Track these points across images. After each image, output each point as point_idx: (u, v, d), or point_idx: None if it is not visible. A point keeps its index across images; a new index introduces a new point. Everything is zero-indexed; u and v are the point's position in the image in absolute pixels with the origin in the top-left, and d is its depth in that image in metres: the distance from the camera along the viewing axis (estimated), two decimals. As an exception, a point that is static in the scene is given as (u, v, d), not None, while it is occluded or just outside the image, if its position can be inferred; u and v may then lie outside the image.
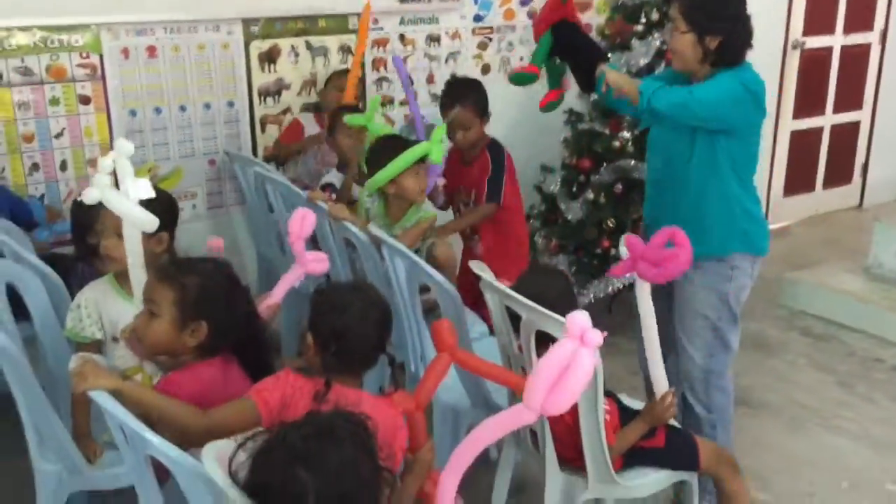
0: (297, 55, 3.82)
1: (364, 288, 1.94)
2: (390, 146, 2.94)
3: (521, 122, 4.33)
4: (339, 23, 3.88)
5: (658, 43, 3.83)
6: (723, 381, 2.67)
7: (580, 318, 1.50)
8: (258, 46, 3.72)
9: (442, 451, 2.53)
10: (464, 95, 3.29)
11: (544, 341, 2.08)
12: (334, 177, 3.45)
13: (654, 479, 2.25)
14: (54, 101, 3.35)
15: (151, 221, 2.02)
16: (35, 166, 3.37)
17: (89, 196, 2.00)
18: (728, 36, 2.47)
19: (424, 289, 2.66)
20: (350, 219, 2.82)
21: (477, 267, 2.30)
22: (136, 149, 3.39)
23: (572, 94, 4.09)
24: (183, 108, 3.62)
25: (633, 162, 3.88)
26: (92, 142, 3.47)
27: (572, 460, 2.21)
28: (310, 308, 1.84)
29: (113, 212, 2.03)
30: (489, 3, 4.25)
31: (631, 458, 2.25)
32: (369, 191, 3.00)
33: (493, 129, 4.28)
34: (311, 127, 3.78)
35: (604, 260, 3.98)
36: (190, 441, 1.60)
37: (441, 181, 3.27)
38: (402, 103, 4.14)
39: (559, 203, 4.15)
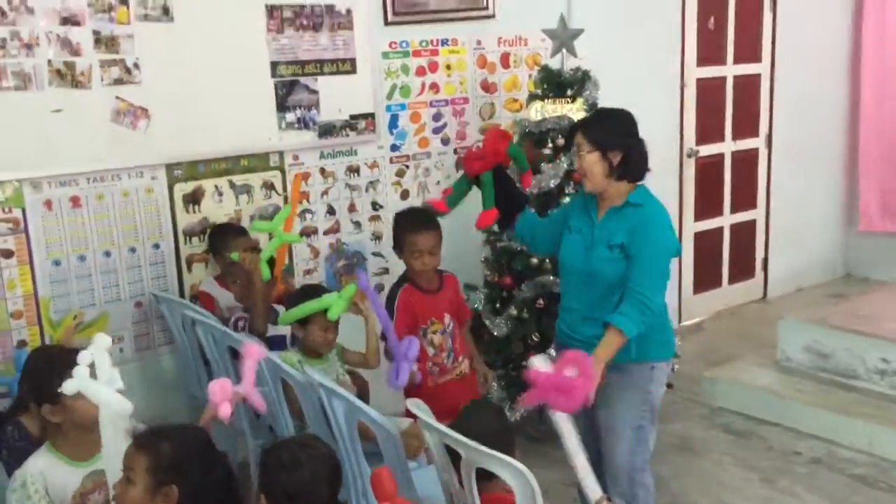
0: (220, 194, 3.91)
1: (311, 444, 2.00)
2: (305, 292, 3.23)
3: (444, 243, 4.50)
4: (261, 160, 4.00)
5: (566, 165, 4.07)
6: (645, 477, 2.92)
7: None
8: (182, 188, 3.80)
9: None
10: (433, 220, 3.40)
11: (486, 477, 2.17)
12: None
13: None
14: (-24, 258, 3.34)
15: (127, 408, 2.13)
16: (-39, 330, 3.33)
17: (69, 387, 2.09)
18: (628, 151, 2.84)
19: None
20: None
21: (414, 406, 2.38)
22: (59, 297, 3.53)
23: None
24: (108, 254, 3.65)
25: (551, 277, 4.06)
26: (15, 294, 3.45)
27: None
28: (259, 468, 1.88)
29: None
30: (404, 134, 4.46)
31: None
32: (282, 323, 3.22)
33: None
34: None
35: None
36: None
37: (415, 367, 3.03)
38: (325, 233, 4.26)
39: (484, 319, 4.28)
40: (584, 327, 2.93)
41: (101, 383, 2.09)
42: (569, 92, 4.15)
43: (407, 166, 4.50)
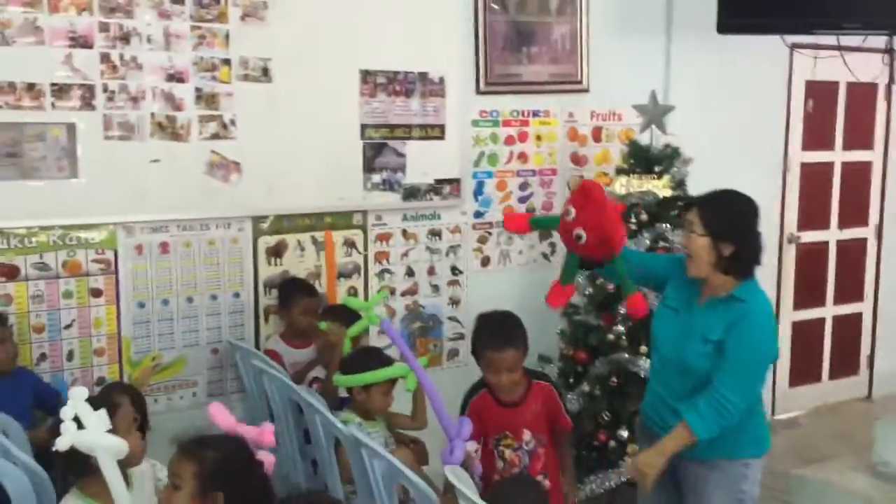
0: (302, 249, 4.01)
1: (321, 499, 1.98)
2: (368, 355, 3.20)
3: (519, 313, 4.44)
4: (344, 219, 4.09)
5: (648, 241, 3.98)
6: None
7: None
8: (266, 241, 3.92)
9: None
10: (515, 336, 3.04)
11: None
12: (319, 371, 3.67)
13: None
14: (67, 294, 3.52)
15: (123, 447, 2.20)
16: (43, 356, 3.49)
17: (62, 444, 2.16)
18: (742, 245, 2.62)
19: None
20: None
21: (452, 474, 2.33)
22: (141, 339, 3.66)
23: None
24: (190, 300, 3.78)
25: (626, 355, 3.94)
26: (100, 332, 3.61)
27: None
28: None
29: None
30: (489, 201, 4.48)
31: None
32: (343, 384, 3.15)
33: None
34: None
35: (601, 453, 3.97)
36: None
37: (472, 446, 2.83)
38: (403, 294, 4.29)
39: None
40: (670, 416, 2.74)
41: (91, 432, 2.15)
42: (656, 168, 4.09)
43: (490, 233, 4.50)
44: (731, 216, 2.65)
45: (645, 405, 2.98)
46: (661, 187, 4.00)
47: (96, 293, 3.58)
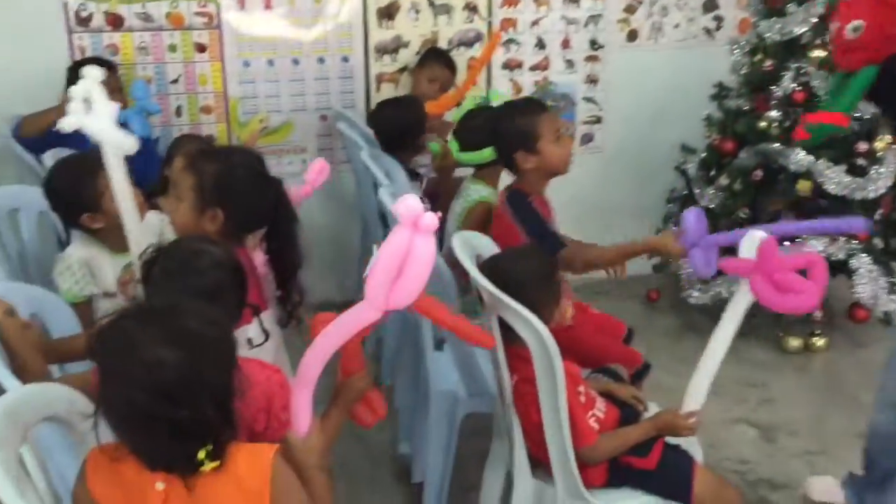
0: (417, 12, 3.68)
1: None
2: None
3: (664, 96, 3.92)
4: (467, -21, 3.69)
5: (821, 9, 3.25)
6: None
7: (411, 204, 1.29)
8: (377, 1, 3.63)
9: (438, 438, 2.37)
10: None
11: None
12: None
13: (637, 505, 1.90)
14: (172, 48, 3.49)
15: (130, 143, 2.01)
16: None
17: (67, 124, 2.00)
18: None
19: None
20: None
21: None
22: (247, 99, 3.60)
23: (725, 69, 3.64)
24: (296, 62, 3.63)
25: (778, 146, 3.35)
26: (206, 89, 3.58)
27: (548, 463, 1.92)
28: None
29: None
30: (643, -37, 3.85)
31: (617, 476, 1.91)
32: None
33: (633, 104, 3.92)
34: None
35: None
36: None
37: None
38: (531, 69, 3.88)
39: (693, 188, 3.70)
40: None
41: (100, 118, 1.95)
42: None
43: (640, 1, 3.90)
44: None
45: None
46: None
47: (200, 48, 3.52)
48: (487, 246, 2.12)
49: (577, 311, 2.50)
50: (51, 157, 2.70)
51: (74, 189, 2.17)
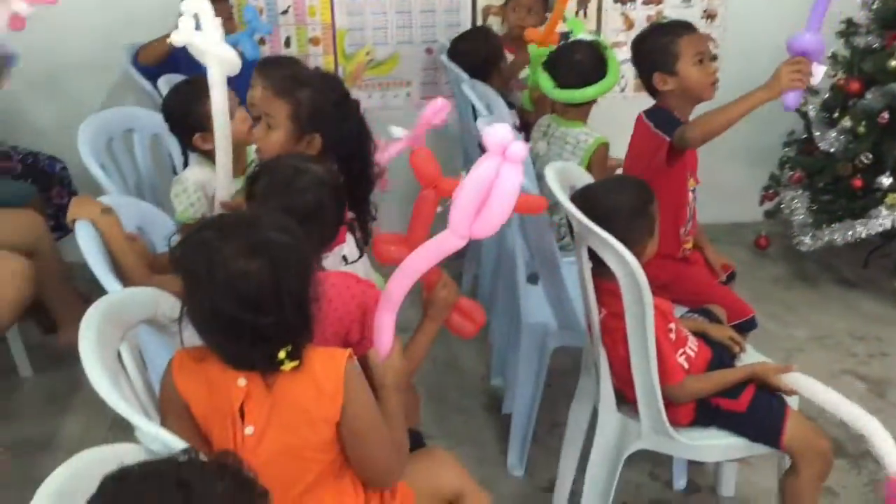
0: (527, -56, 3.59)
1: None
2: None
3: (787, 33, 3.68)
4: None
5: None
6: None
7: (500, 132, 1.26)
8: (485, -69, 3.57)
9: (528, 370, 2.38)
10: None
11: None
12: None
13: (723, 446, 1.84)
14: (281, -22, 3.53)
15: (235, 61, 2.02)
16: (262, 41, 3.59)
17: (177, 38, 2.03)
18: None
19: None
20: None
21: None
22: (354, 31, 3.62)
23: (855, 5, 3.40)
24: (404, -8, 3.62)
25: (908, 86, 3.13)
26: (315, 21, 3.61)
27: (634, 400, 1.89)
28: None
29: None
30: None
31: (705, 416, 1.86)
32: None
33: (753, 40, 3.74)
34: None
35: (852, 200, 3.31)
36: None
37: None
38: (644, 2, 3.74)
39: (814, 131, 3.50)
40: None
41: (208, 35, 1.94)
42: None
43: (765, -69, 3.68)
44: None
45: None
46: None
47: (308, -22, 3.55)
48: (582, 177, 2.08)
49: (691, 251, 2.45)
50: (164, 83, 2.80)
51: (186, 109, 2.23)
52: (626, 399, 1.92)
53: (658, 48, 2.30)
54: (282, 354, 1.26)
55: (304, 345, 1.30)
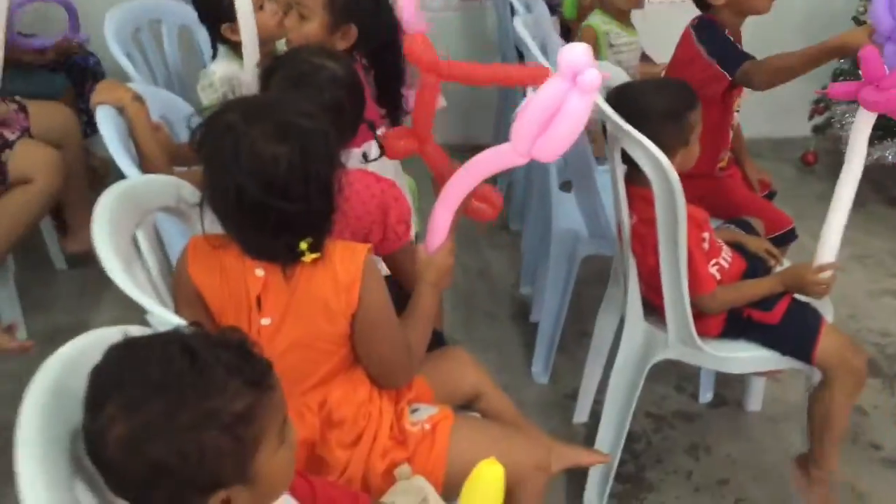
0: None
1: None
2: None
3: None
4: None
5: None
6: None
7: (576, 55, 1.18)
8: None
9: (557, 277, 2.34)
10: None
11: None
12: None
13: (752, 358, 1.80)
14: None
15: None
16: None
17: None
18: None
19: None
20: None
21: None
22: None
23: None
24: None
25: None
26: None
27: (662, 309, 1.85)
28: None
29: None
30: None
31: (735, 328, 1.82)
32: None
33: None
34: None
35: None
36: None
37: None
38: None
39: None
40: None
41: None
42: None
43: None
44: None
45: None
46: None
47: None
48: (619, 75, 1.99)
49: (728, 165, 2.35)
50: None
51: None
52: (654, 308, 1.88)
53: None
54: (303, 245, 1.22)
55: (325, 236, 1.27)
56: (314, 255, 1.24)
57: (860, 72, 1.64)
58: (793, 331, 1.77)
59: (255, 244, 1.25)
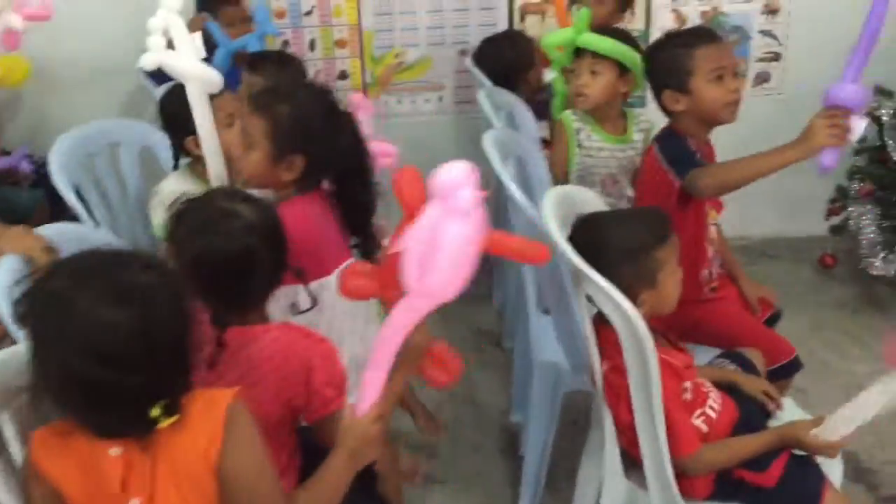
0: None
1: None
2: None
3: (857, 30, 3.32)
4: None
5: None
6: None
7: (450, 175, 1.04)
8: (522, -76, 3.31)
9: (540, 411, 2.14)
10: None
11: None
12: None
13: (747, 527, 1.57)
14: (305, -23, 3.35)
15: (216, 79, 1.89)
16: (286, 43, 3.42)
17: (147, 62, 1.90)
18: None
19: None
20: None
21: None
22: (382, 32, 3.41)
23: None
24: (435, -8, 3.40)
25: None
26: (341, 21, 3.42)
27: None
28: None
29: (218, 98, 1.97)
30: None
31: (725, 490, 1.59)
32: None
33: (819, 38, 3.38)
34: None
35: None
36: None
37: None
38: (699, -2, 3.42)
39: (886, 139, 3.14)
40: None
41: (183, 54, 1.81)
42: None
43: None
44: None
45: None
46: None
47: (334, -24, 3.36)
48: (592, 202, 1.81)
49: (721, 285, 2.15)
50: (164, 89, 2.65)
51: (180, 112, 2.04)
52: (636, 463, 1.66)
53: (669, 61, 1.99)
54: (155, 412, 1.06)
55: (182, 395, 1.10)
56: (170, 420, 1.07)
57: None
58: (792, 495, 1.54)
59: (99, 423, 1.08)
